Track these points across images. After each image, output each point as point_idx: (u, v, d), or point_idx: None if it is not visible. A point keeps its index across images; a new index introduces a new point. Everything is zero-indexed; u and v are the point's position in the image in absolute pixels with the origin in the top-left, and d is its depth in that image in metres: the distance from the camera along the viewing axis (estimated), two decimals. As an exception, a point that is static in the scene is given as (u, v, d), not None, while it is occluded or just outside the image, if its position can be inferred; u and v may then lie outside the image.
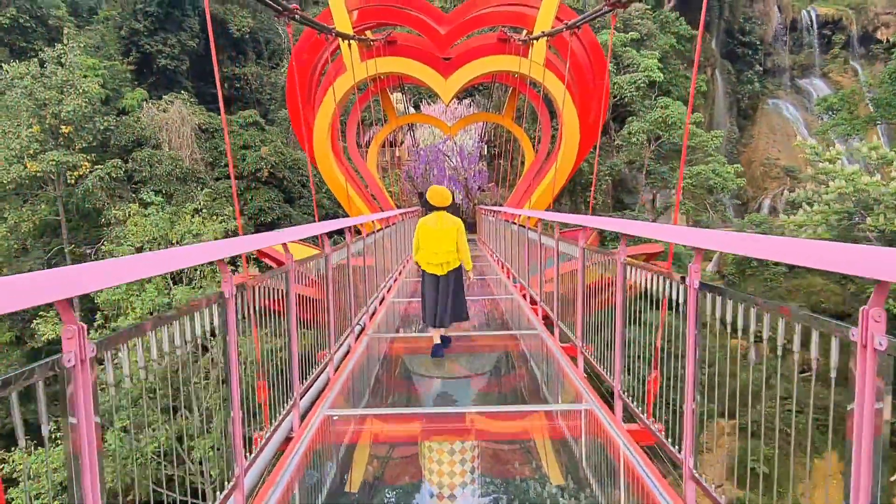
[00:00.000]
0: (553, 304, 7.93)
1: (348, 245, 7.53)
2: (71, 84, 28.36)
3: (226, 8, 39.44)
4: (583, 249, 6.18)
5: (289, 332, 4.83)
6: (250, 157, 29.97)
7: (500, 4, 20.17)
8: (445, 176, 31.09)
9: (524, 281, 10.81)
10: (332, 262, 6.52)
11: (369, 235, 9.58)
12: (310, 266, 5.78)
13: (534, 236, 9.62)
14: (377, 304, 10.23)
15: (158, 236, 21.13)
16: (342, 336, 7.13)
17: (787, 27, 55.84)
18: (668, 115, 25.88)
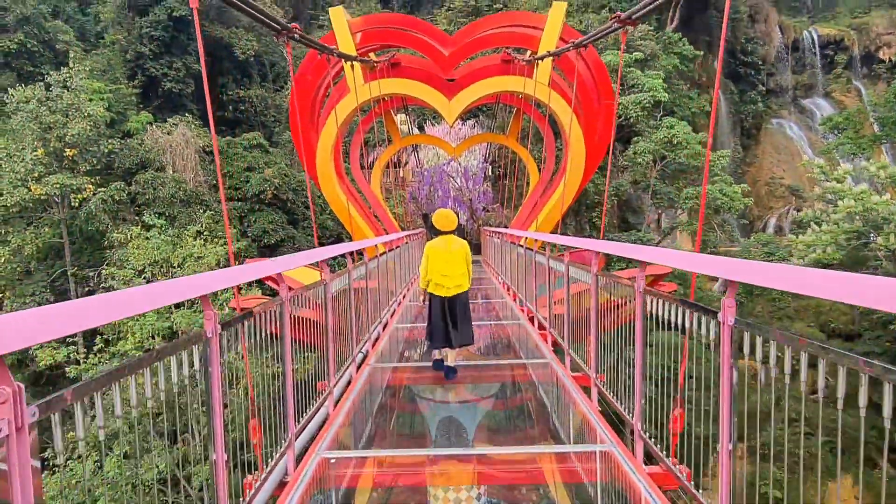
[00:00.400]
0: (563, 331, 7.58)
1: (350, 271, 7.21)
2: (76, 107, 28.36)
3: (231, 31, 39.65)
4: (596, 276, 5.84)
5: (283, 368, 4.49)
6: (254, 178, 29.82)
7: (503, 26, 20.08)
8: (450, 197, 30.87)
9: (531, 305, 10.45)
10: (332, 291, 6.19)
11: (372, 260, 9.27)
12: (308, 295, 5.46)
13: (542, 260, 9.29)
14: (380, 329, 9.89)
15: (160, 259, 20.85)
16: (342, 367, 6.78)
17: (789, 47, 55.94)
18: (673, 136, 25.63)
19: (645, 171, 27.75)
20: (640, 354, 4.48)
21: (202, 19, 38.78)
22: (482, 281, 17.96)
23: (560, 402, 6.33)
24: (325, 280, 5.94)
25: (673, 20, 46.69)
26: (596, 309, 5.88)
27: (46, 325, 1.86)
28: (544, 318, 9.39)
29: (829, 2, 61.94)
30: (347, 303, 7.10)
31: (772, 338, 2.72)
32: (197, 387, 3.09)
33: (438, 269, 6.99)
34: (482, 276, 19.16)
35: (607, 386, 5.60)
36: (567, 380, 6.78)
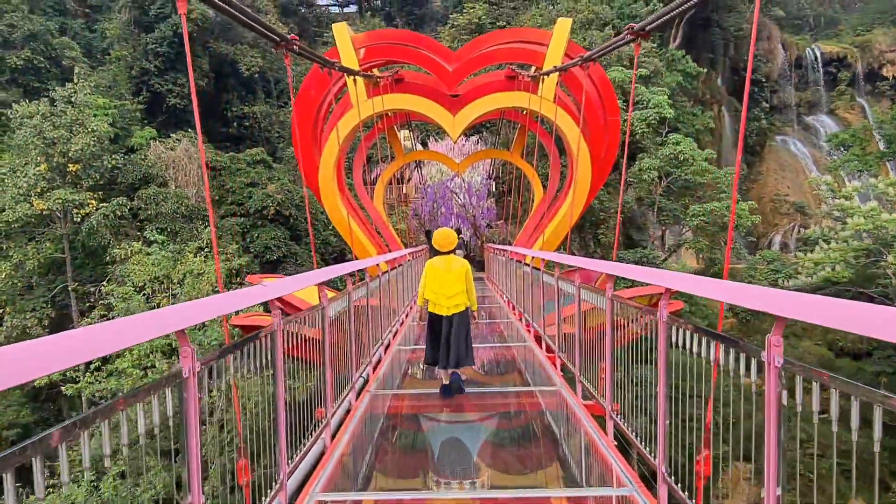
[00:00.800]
0: (572, 355, 7.19)
1: (349, 293, 6.84)
2: (80, 123, 28.23)
3: (236, 48, 39.69)
4: (611, 301, 5.46)
5: (275, 405, 4.11)
6: (257, 194, 29.58)
7: (508, 42, 19.87)
8: (453, 213, 30.56)
9: (538, 327, 10.05)
10: (331, 314, 5.82)
11: (374, 280, 8.90)
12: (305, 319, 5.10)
13: (550, 280, 8.91)
14: (381, 351, 9.50)
15: (161, 275, 20.53)
16: (341, 395, 6.39)
17: (792, 65, 55.88)
18: (679, 152, 25.32)
19: (650, 188, 27.41)
20: (662, 394, 4.09)
21: (206, 36, 38.87)
22: (485, 299, 17.58)
23: (572, 435, 5.92)
24: (324, 304, 5.58)
25: (676, 38, 46.66)
26: (611, 336, 5.49)
27: None
28: (552, 339, 9.00)
29: (832, 20, 61.99)
30: (347, 326, 6.74)
31: (825, 382, 2.38)
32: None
33: (436, 288, 6.93)
34: (485, 294, 18.78)
35: (623, 416, 5.21)
36: (579, 409, 6.38)
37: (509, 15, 44.30)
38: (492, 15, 43.88)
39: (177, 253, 21.19)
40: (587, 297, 6.46)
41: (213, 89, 39.75)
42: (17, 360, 1.78)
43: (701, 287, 3.69)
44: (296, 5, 53.23)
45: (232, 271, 23.47)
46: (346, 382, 6.64)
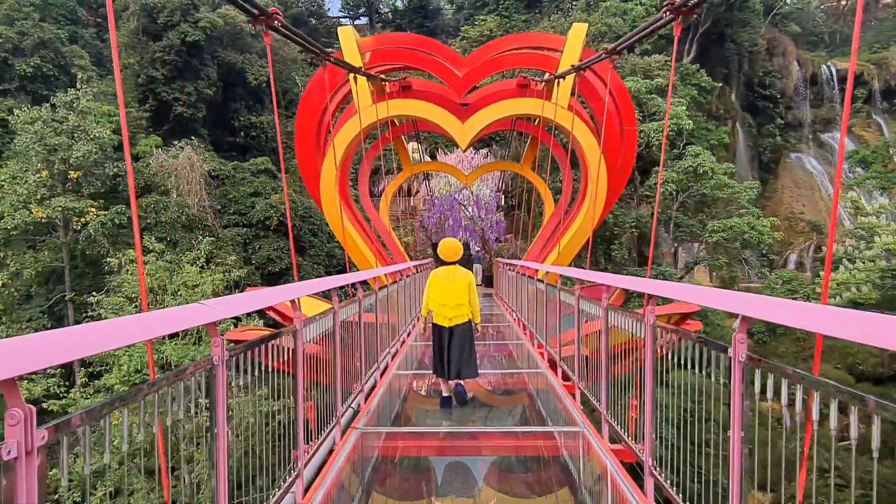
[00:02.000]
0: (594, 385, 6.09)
1: (336, 311, 5.77)
2: (82, 129, 27.50)
3: (244, 57, 39.07)
4: (652, 327, 4.36)
5: (214, 456, 3.03)
6: (260, 204, 28.67)
7: (520, 48, 18.91)
8: (461, 226, 29.52)
9: (553, 351, 8.94)
10: (305, 338, 4.75)
11: (368, 294, 7.85)
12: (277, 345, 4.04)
13: (568, 299, 7.82)
14: (377, 376, 8.42)
15: (156, 286, 19.55)
16: (323, 434, 5.31)
17: (808, 81, 54.72)
18: (699, 164, 24.18)
19: (666, 203, 26.24)
20: (737, 449, 2.98)
21: (215, 45, 38.27)
22: (494, 318, 16.44)
23: (604, 494, 4.79)
24: (297, 327, 4.51)
25: (690, 52, 45.74)
26: (652, 370, 4.40)
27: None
28: (569, 364, 7.90)
29: (847, 37, 60.91)
30: (335, 347, 5.67)
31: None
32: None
33: (438, 298, 6.88)
34: (494, 313, 17.62)
35: (663, 468, 4.12)
36: (608, 458, 5.25)
37: (521, 27, 43.58)
38: (503, 27, 43.19)
39: (174, 263, 20.22)
40: (620, 322, 5.36)
41: (220, 98, 39.10)
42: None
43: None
44: (306, 17, 52.77)
45: (230, 283, 22.46)
46: (330, 416, 5.57)
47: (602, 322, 5.81)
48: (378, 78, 15.56)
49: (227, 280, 21.92)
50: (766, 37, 51.08)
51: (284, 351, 4.24)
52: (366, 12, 57.97)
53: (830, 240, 5.65)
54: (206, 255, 25.79)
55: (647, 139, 24.94)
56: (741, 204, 25.31)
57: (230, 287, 22.50)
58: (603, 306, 5.79)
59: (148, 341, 3.67)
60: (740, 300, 3.02)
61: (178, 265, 20.33)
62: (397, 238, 26.41)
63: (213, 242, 26.76)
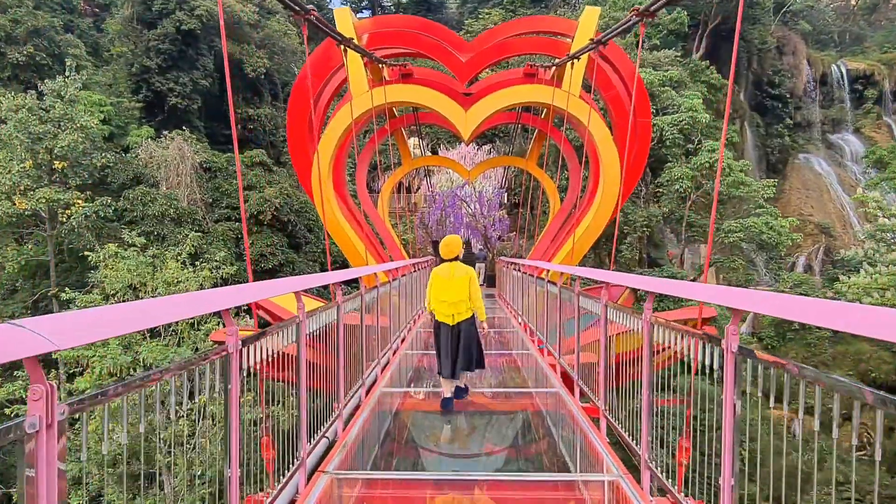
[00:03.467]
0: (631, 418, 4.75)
1: (301, 320, 4.40)
2: (69, 118, 26.13)
3: (242, 48, 37.66)
4: (734, 354, 3.01)
5: None
6: (253, 198, 27.30)
7: (528, 32, 17.51)
8: (462, 223, 28.13)
9: (569, 367, 7.57)
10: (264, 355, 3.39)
11: (348, 298, 6.50)
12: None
13: (590, 305, 6.45)
14: (362, 394, 7.06)
15: (137, 283, 18.17)
16: (278, 486, 3.94)
17: (817, 81, 53.24)
18: (716, 161, 22.71)
19: (678, 201, 24.77)
20: None
21: (212, 35, 36.88)
22: (496, 321, 15.04)
23: None
24: (229, 349, 3.14)
25: (698, 49, 44.31)
26: (731, 413, 3.07)
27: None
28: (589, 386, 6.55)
29: (858, 37, 59.43)
30: (297, 364, 4.35)
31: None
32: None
33: (439, 295, 6.75)
34: (496, 315, 16.20)
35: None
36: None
37: (526, 21, 42.15)
38: (508, 21, 41.77)
39: (156, 258, 18.84)
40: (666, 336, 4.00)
41: (217, 90, 37.71)
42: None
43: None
44: (307, 9, 51.45)
45: (218, 281, 21.08)
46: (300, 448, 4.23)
47: (646, 334, 4.45)
48: (373, 56, 14.11)
49: (216, 277, 20.54)
50: (776, 35, 49.62)
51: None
52: (368, 5, 56.58)
53: None
54: (195, 251, 24.47)
55: (660, 133, 23.51)
56: (758, 203, 23.85)
57: (218, 285, 21.12)
58: (646, 318, 4.42)
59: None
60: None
61: (162, 261, 18.95)
62: (396, 235, 25.07)
63: (203, 237, 25.41)
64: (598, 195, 15.75)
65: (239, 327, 11.68)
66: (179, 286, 17.16)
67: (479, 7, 48.22)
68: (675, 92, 25.76)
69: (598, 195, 15.75)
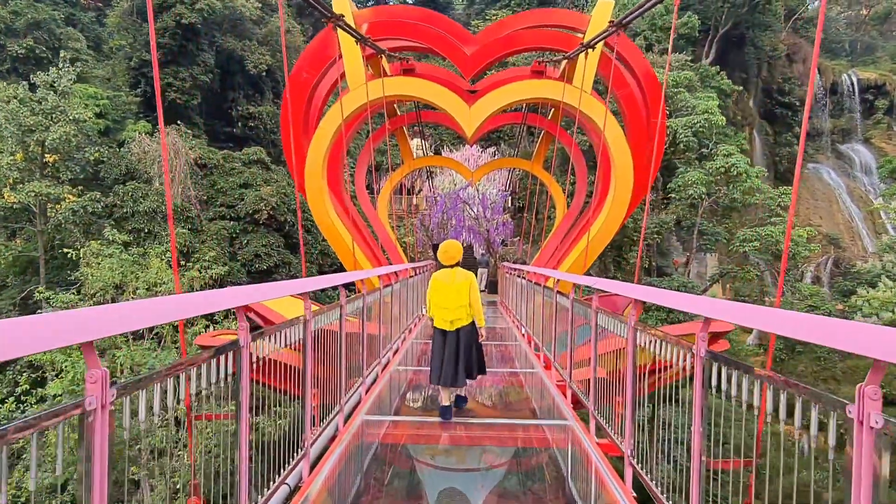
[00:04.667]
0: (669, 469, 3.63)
1: (243, 346, 3.29)
2: (62, 110, 25.11)
3: (244, 44, 36.66)
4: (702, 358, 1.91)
5: None
6: (249, 196, 26.20)
7: (537, 25, 16.42)
8: (464, 226, 27.00)
9: (584, 396, 6.44)
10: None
11: (320, 313, 5.39)
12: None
13: (611, 325, 5.32)
14: (339, 422, 5.95)
15: (120, 282, 17.08)
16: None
17: (828, 90, 52.06)
18: (732, 165, 21.55)
19: (691, 207, 23.57)
20: None
21: (213, 30, 35.89)
22: (497, 332, 13.89)
23: None
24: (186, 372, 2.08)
25: (708, 54, 43.19)
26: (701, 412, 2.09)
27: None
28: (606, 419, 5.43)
29: (869, 46, 58.24)
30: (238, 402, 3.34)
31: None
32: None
33: (439, 302, 6.56)
34: (497, 325, 15.04)
35: None
36: None
37: (534, 23, 41.09)
38: (515, 22, 40.71)
39: (141, 257, 17.76)
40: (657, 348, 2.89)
41: (218, 86, 36.70)
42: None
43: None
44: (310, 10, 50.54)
45: (209, 281, 20.00)
46: None
47: (697, 367, 3.35)
48: (368, 41, 12.93)
49: (205, 278, 19.45)
50: (787, 42, 48.48)
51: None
52: (373, 5, 55.63)
53: None
54: (186, 249, 23.38)
55: (673, 136, 22.36)
56: (775, 212, 22.65)
57: (206, 286, 20.03)
58: (697, 352, 3.31)
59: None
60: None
61: (147, 259, 17.87)
62: (396, 238, 23.97)
63: (196, 235, 24.33)
64: (610, 199, 14.62)
65: (223, 331, 10.72)
66: (164, 287, 16.05)
67: (486, 8, 47.19)
68: (688, 94, 24.60)
69: (610, 199, 14.62)
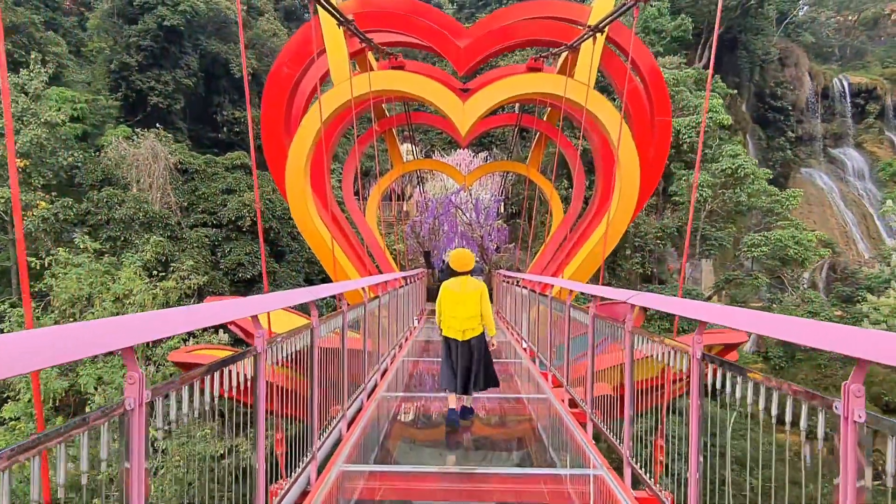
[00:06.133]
0: None
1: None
2: (33, 113, 23.69)
3: (229, 47, 35.35)
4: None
5: None
6: (232, 202, 24.83)
7: (535, 17, 15.26)
8: (457, 232, 25.76)
9: (619, 442, 5.18)
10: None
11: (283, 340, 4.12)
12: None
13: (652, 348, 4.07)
14: (311, 474, 4.67)
15: (87, 295, 15.64)
16: None
17: (819, 94, 51.46)
18: (739, 166, 20.44)
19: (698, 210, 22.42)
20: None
21: (198, 33, 34.57)
22: (499, 347, 12.60)
23: None
24: None
25: (701, 58, 42.36)
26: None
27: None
28: (654, 479, 4.19)
29: (858, 51, 57.81)
30: None
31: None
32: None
33: (449, 310, 6.39)
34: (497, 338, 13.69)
35: None
36: None
37: (525, 26, 40.05)
38: (506, 26, 39.66)
39: (112, 266, 16.36)
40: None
41: (202, 91, 35.34)
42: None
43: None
44: (300, 11, 49.21)
45: (187, 292, 18.61)
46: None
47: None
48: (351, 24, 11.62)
49: (181, 289, 18.05)
50: (779, 46, 47.82)
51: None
52: None
53: None
54: (165, 258, 21.97)
55: (676, 137, 21.29)
56: (783, 215, 21.56)
57: (184, 297, 18.65)
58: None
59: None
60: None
61: (119, 269, 16.45)
62: (385, 246, 22.69)
63: (175, 243, 22.93)
64: (615, 201, 13.44)
65: (201, 345, 9.82)
66: (133, 300, 14.64)
67: (476, 13, 46.18)
68: (689, 93, 23.54)
69: (615, 201, 13.44)
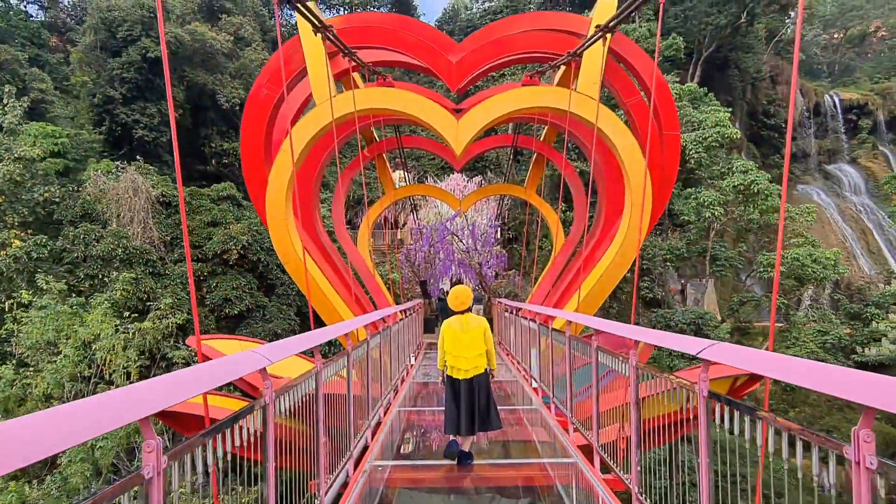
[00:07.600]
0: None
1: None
2: (7, 148, 22.50)
3: (215, 78, 34.42)
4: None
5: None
6: (217, 235, 23.53)
7: (531, 29, 14.22)
8: (453, 260, 24.47)
9: None
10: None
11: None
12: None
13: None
14: None
15: (55, 339, 14.20)
16: None
17: (811, 111, 51.00)
18: (752, 182, 19.30)
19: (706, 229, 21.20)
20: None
21: (183, 64, 33.63)
22: (502, 386, 11.21)
23: None
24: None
25: (694, 77, 41.76)
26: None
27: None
28: None
29: (847, 67, 57.64)
30: None
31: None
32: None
33: (452, 350, 6.10)
34: (502, 376, 12.28)
35: None
36: None
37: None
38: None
39: (81, 307, 14.95)
40: None
41: (189, 122, 34.28)
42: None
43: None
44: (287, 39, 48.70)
45: (168, 332, 17.17)
46: None
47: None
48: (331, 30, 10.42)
49: (160, 329, 16.61)
50: (770, 64, 47.43)
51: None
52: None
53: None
54: (146, 297, 20.56)
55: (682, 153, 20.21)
56: (798, 232, 20.39)
57: (165, 337, 17.20)
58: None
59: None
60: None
61: (88, 311, 15.03)
62: (380, 276, 21.38)
63: (158, 280, 21.53)
64: (625, 222, 12.22)
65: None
66: (101, 345, 13.20)
67: (467, 28, 45.64)
68: (692, 108, 22.56)
69: (625, 222, 12.22)
